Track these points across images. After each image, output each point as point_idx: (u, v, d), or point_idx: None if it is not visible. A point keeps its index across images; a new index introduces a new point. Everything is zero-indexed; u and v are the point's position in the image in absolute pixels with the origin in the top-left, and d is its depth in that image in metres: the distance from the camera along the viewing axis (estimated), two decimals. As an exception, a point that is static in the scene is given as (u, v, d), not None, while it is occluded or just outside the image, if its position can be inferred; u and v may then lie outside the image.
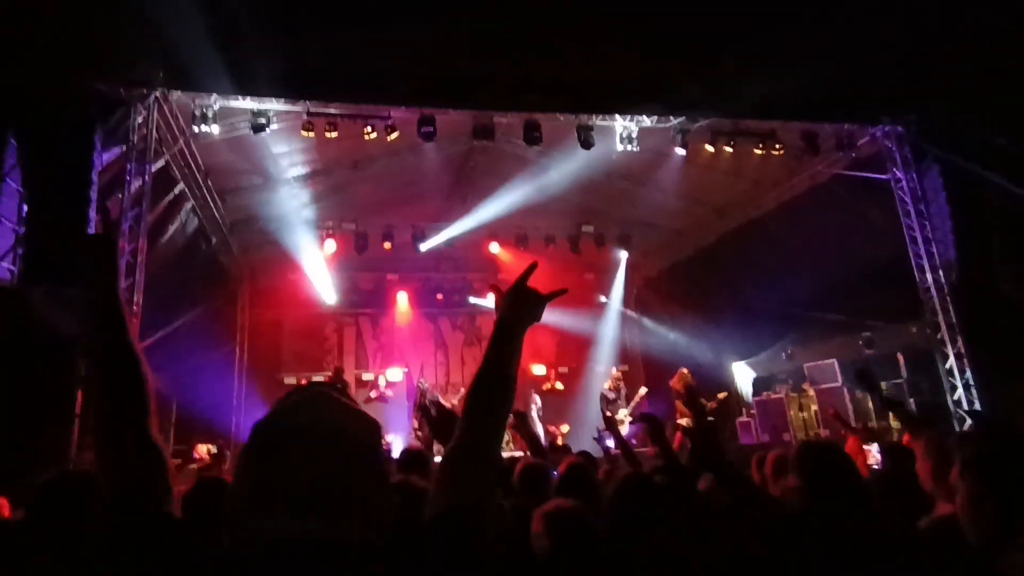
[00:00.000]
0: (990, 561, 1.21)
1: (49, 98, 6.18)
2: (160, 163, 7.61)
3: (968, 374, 8.22)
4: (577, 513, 2.05)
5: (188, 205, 9.14)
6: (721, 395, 10.34)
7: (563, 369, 14.06)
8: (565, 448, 8.58)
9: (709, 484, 2.57)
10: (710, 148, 8.76)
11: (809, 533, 1.82)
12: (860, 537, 1.78)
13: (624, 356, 14.39)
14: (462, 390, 12.69)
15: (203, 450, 9.49)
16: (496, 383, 1.13)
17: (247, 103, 7.50)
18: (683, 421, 9.24)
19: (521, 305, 1.22)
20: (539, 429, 10.92)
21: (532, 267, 1.27)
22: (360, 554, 0.82)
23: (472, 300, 14.03)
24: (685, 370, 9.96)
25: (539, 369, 14.11)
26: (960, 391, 8.20)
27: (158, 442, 1.05)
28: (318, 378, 12.20)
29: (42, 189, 6.03)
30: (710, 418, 2.47)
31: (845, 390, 9.65)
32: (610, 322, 14.38)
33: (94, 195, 6.21)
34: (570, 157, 9.39)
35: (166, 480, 1.01)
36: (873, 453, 4.82)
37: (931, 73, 7.56)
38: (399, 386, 12.50)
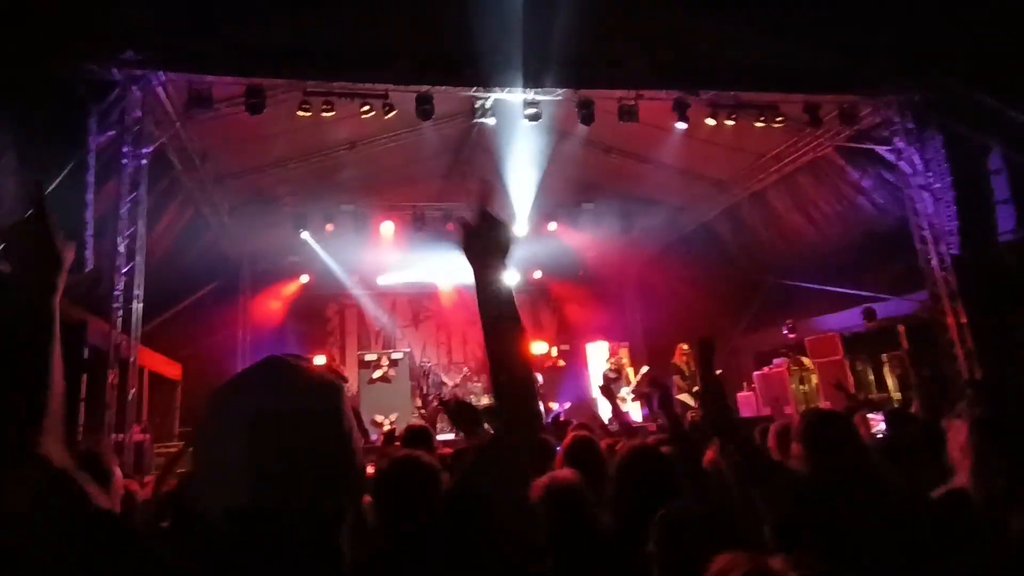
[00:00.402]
0: (1000, 519, 1.22)
1: (41, 80, 6.11)
2: (156, 146, 7.54)
3: (969, 344, 8.24)
4: (574, 486, 2.06)
5: (185, 188, 9.09)
6: (719, 371, 10.40)
7: (564, 347, 14.11)
8: (567, 424, 8.63)
9: (716, 453, 2.59)
10: (711, 121, 8.67)
11: (816, 498, 1.83)
12: (865, 502, 1.80)
13: (627, 334, 14.43)
14: (464, 369, 12.75)
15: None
16: (496, 326, 1.10)
17: (242, 83, 7.40)
18: (682, 397, 9.30)
19: (481, 239, 1.14)
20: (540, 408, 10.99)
21: (487, 192, 1.19)
22: (316, 521, 0.82)
23: (472, 280, 14.00)
24: (685, 346, 9.99)
25: (540, 347, 14.16)
26: (961, 361, 8.23)
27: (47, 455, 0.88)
28: (320, 359, 12.26)
29: (38, 173, 5.98)
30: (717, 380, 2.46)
31: (846, 363, 9.69)
32: (612, 299, 14.39)
33: (91, 178, 6.17)
34: (571, 133, 9.32)
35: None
36: (879, 425, 4.84)
37: (935, 42, 7.47)
38: (401, 366, 12.54)
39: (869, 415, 4.36)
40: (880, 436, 3.42)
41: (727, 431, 2.17)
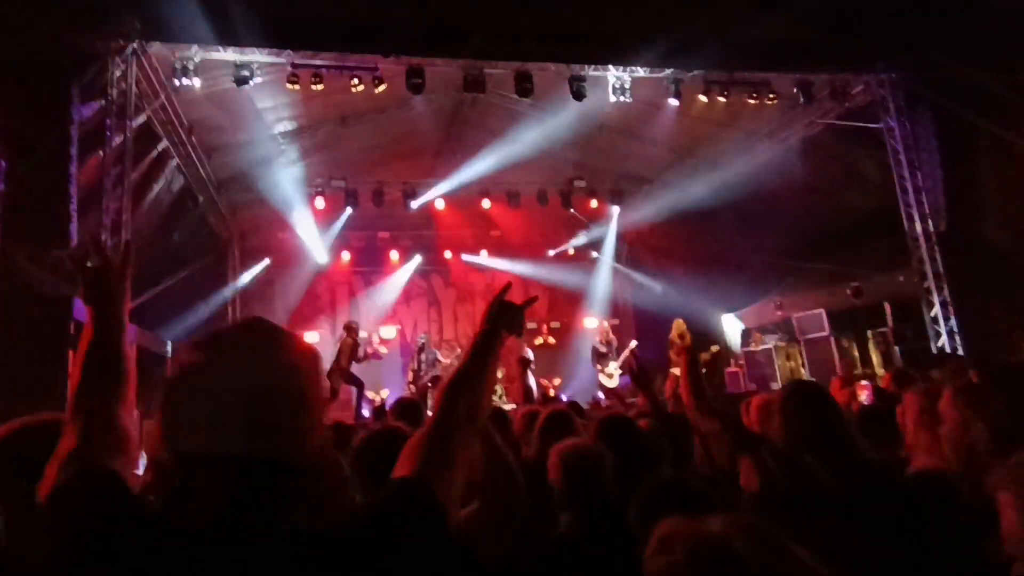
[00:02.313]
0: (976, 482, 1.26)
1: (21, 52, 5.98)
2: (141, 119, 7.43)
3: (952, 321, 8.36)
4: (590, 451, 2.07)
5: (173, 163, 8.98)
6: (714, 348, 10.51)
7: (554, 324, 14.17)
8: (556, 400, 8.72)
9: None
10: (703, 98, 8.64)
11: (791, 468, 1.87)
12: (840, 472, 1.84)
13: (615, 310, 14.50)
14: (457, 348, 12.78)
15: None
16: (468, 382, 1.19)
17: (229, 55, 7.28)
18: (676, 370, 9.38)
19: (502, 316, 1.34)
20: (532, 383, 11.07)
21: (507, 287, 1.43)
22: (275, 469, 0.86)
23: (465, 258, 14.01)
24: (680, 320, 10.06)
25: (530, 324, 14.22)
26: (944, 338, 8.35)
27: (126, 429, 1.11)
28: (311, 336, 12.26)
29: (21, 146, 5.89)
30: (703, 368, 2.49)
31: (832, 339, 9.80)
32: (601, 276, 14.43)
33: (74, 151, 6.08)
34: (562, 110, 9.25)
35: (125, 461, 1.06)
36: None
37: (927, 17, 7.43)
38: (392, 343, 12.58)
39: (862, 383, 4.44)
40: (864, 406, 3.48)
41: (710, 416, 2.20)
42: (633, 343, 11.45)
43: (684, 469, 2.45)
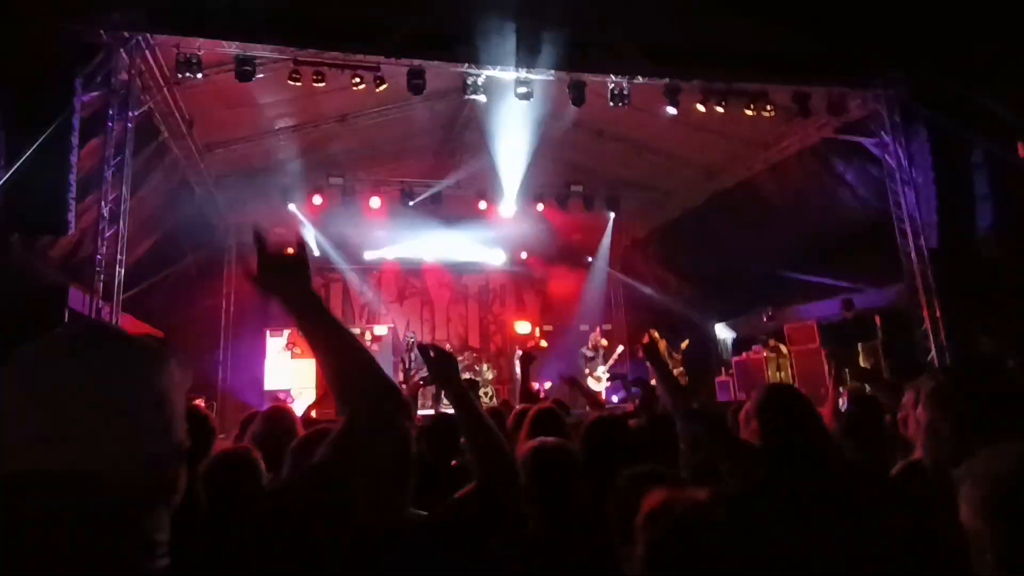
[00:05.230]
0: (945, 474, 1.31)
1: (25, 41, 6.00)
2: (142, 110, 7.45)
3: (943, 336, 8.43)
4: (561, 449, 2.12)
5: (172, 155, 8.99)
6: (684, 344, 10.69)
7: (547, 327, 14.22)
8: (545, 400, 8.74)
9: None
10: (701, 108, 8.71)
11: (769, 470, 1.92)
12: (815, 473, 1.89)
13: (609, 316, 14.56)
14: (448, 347, 12.80)
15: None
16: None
17: (232, 49, 7.31)
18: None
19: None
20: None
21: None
22: (83, 485, 0.74)
23: (458, 258, 14.05)
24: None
25: (523, 327, 14.27)
26: (934, 353, 8.42)
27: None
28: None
29: (21, 134, 5.90)
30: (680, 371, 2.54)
31: (823, 351, 9.87)
32: (596, 282, 14.50)
33: (75, 141, 6.10)
34: (561, 114, 9.31)
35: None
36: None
37: (925, 35, 7.53)
38: (384, 341, 12.58)
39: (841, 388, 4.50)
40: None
41: (691, 416, 2.28)
42: (620, 348, 11.52)
43: (668, 466, 2.50)
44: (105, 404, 0.78)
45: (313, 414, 4.91)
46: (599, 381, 10.80)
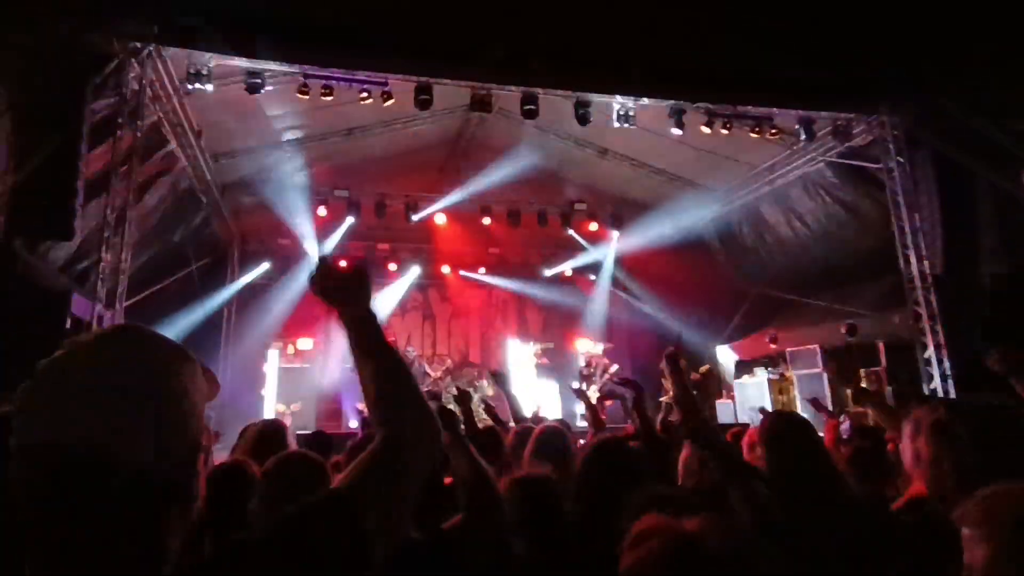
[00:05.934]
0: (946, 512, 1.29)
1: (40, 48, 6.07)
2: (151, 120, 7.52)
3: (946, 364, 8.37)
4: (544, 479, 2.11)
5: (179, 164, 9.05)
6: (703, 369, 10.54)
7: (547, 344, 14.18)
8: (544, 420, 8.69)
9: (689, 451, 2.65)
10: (706, 130, 8.76)
11: (774, 496, 1.90)
12: (819, 501, 1.87)
13: (610, 334, 14.51)
14: (448, 361, 12.78)
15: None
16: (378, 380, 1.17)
17: (243, 62, 7.39)
18: (666, 398, 9.38)
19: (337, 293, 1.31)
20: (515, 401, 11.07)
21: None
22: (116, 465, 0.77)
23: (462, 274, 14.06)
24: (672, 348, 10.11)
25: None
26: (937, 380, 8.36)
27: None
28: (305, 343, 12.26)
29: (30, 139, 5.95)
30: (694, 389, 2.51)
31: (825, 376, 9.82)
32: (598, 300, 14.48)
33: (84, 149, 6.14)
34: (566, 132, 9.37)
35: None
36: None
37: (931, 63, 7.57)
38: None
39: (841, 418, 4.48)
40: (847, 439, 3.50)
41: (703, 440, 2.23)
42: (614, 367, 11.46)
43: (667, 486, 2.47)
44: (122, 391, 0.81)
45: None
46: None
